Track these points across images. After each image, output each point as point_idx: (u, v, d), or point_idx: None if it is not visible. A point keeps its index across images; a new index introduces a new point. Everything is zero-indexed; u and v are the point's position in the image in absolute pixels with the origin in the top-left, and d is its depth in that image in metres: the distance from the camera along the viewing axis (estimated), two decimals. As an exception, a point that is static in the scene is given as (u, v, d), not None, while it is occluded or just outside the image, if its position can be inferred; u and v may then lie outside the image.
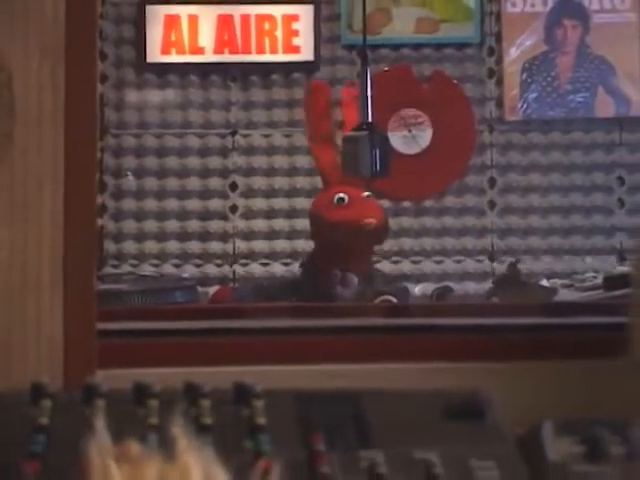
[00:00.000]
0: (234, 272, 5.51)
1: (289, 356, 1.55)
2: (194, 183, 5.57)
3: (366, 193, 4.29)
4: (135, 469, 0.70)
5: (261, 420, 0.95)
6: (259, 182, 5.57)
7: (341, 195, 4.21)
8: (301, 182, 5.45)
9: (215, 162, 5.58)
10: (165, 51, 5.60)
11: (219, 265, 5.52)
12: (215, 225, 5.55)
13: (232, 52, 5.59)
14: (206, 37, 5.59)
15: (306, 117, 4.74)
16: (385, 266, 5.10)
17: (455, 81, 5.62)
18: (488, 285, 5.19)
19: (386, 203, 5.15)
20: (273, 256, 5.51)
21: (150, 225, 5.54)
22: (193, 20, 5.60)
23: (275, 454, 0.86)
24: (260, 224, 5.55)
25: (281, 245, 5.51)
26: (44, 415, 0.96)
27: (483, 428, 0.98)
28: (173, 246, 5.53)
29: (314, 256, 4.38)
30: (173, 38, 5.59)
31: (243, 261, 5.53)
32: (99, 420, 0.73)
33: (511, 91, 5.61)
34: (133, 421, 0.74)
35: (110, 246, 5.45)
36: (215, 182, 5.57)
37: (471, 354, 1.48)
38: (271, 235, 5.53)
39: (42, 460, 0.86)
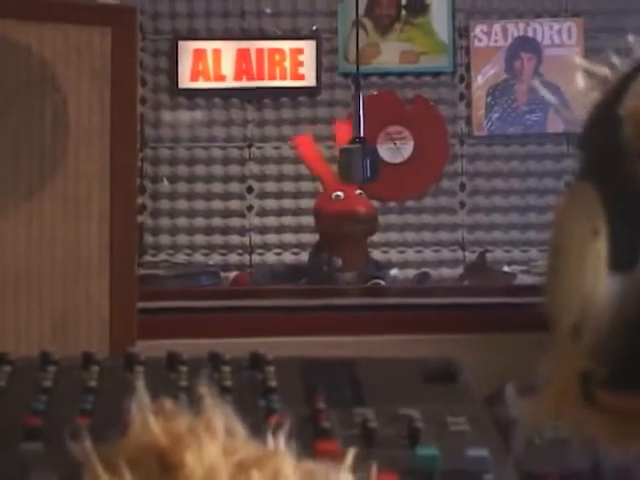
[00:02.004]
0: (250, 260, 5.51)
1: (296, 329, 1.55)
2: (217, 187, 5.57)
3: (358, 191, 4.30)
4: (169, 422, 0.69)
5: (272, 383, 0.95)
6: (271, 186, 5.57)
7: (338, 193, 4.22)
8: (305, 186, 5.44)
9: (234, 170, 5.59)
10: (194, 78, 5.59)
11: (238, 254, 5.52)
12: (235, 221, 5.55)
13: (249, 79, 5.59)
14: (227, 67, 5.59)
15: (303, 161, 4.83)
16: (375, 255, 5.09)
17: (432, 103, 5.61)
18: (459, 271, 5.19)
19: (375, 203, 5.14)
20: (283, 247, 5.51)
21: (181, 221, 5.54)
22: (217, 53, 5.60)
23: (284, 411, 0.86)
24: (272, 220, 5.55)
25: (289, 238, 5.51)
26: (93, 379, 0.96)
27: (456, 389, 0.97)
28: (200, 239, 5.54)
29: (319, 245, 4.39)
30: (200, 68, 5.59)
31: (258, 251, 5.53)
32: (140, 381, 0.72)
33: (478, 111, 5.61)
34: (166, 384, 0.73)
35: (149, 238, 5.45)
36: (234, 186, 5.58)
37: (446, 328, 1.48)
38: (281, 229, 5.54)
39: (91, 416, 0.85)
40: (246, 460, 0.68)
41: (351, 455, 0.68)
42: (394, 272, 5.02)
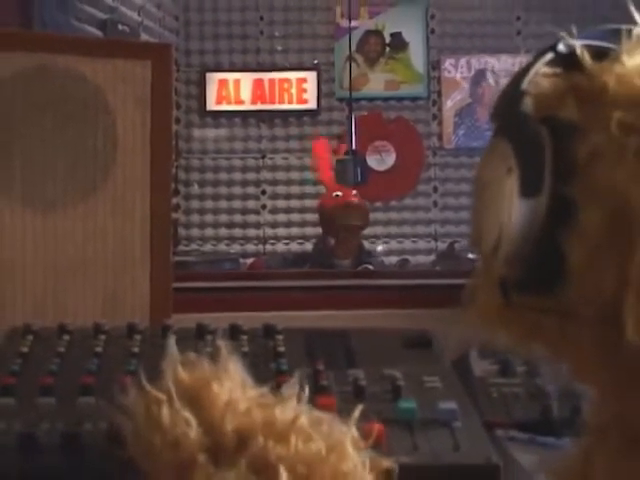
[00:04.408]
0: (264, 249, 5.51)
1: (300, 305, 1.54)
2: (237, 190, 5.57)
3: (354, 192, 4.31)
4: (193, 368, 0.70)
5: (281, 349, 0.94)
6: (280, 189, 5.58)
7: (338, 192, 4.23)
8: (309, 189, 5.44)
9: (251, 176, 5.59)
10: (218, 102, 5.59)
11: (254, 244, 5.52)
12: (251, 218, 5.56)
13: (262, 103, 5.59)
14: (246, 93, 5.59)
15: (313, 160, 4.79)
16: (365, 245, 5.09)
17: (411, 122, 5.61)
18: (433, 258, 5.19)
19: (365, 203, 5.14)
20: (290, 238, 5.52)
21: (208, 218, 5.55)
22: (237, 82, 5.60)
23: (290, 372, 0.85)
24: (281, 217, 5.56)
25: (295, 231, 5.51)
26: (136, 345, 0.96)
27: (430, 354, 0.97)
28: (224, 232, 5.54)
29: (321, 237, 4.39)
30: (224, 94, 5.59)
31: (270, 242, 5.53)
32: (171, 340, 0.73)
33: (447, 129, 5.60)
34: (195, 349, 0.73)
35: (182, 232, 5.45)
36: (251, 189, 5.58)
37: (422, 304, 1.47)
38: (289, 224, 5.54)
39: (134, 376, 0.85)
40: (264, 400, 0.68)
41: (357, 412, 0.68)
42: (380, 248, 5.02)
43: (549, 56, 0.62)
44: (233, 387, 0.68)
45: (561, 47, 0.62)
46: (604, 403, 0.60)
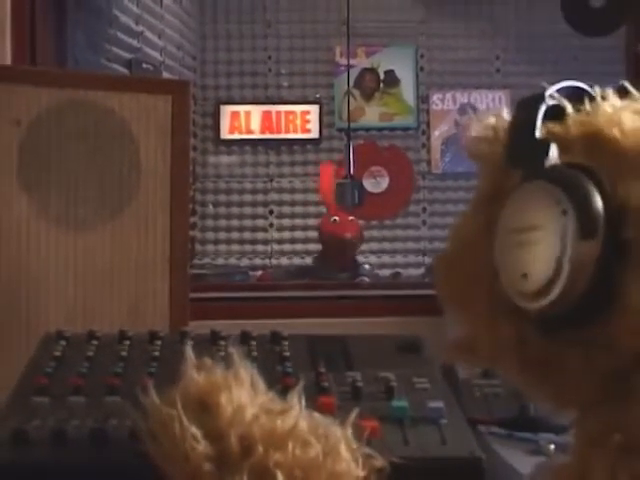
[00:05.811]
0: (271, 263, 5.51)
1: (304, 313, 1.54)
2: (247, 210, 5.57)
3: (350, 218, 4.30)
4: (207, 374, 0.69)
5: (287, 353, 0.94)
6: (286, 209, 5.58)
7: (335, 218, 4.22)
8: (311, 209, 5.44)
9: (260, 197, 5.59)
10: (231, 132, 5.60)
11: (262, 259, 5.51)
12: (260, 235, 5.56)
13: (270, 132, 5.59)
14: (255, 124, 5.60)
15: (321, 182, 4.77)
16: (361, 259, 5.08)
17: (402, 150, 5.62)
18: (422, 271, 5.19)
19: (362, 222, 5.14)
20: (294, 253, 5.51)
21: (222, 235, 5.54)
22: (248, 114, 5.60)
23: (295, 374, 0.85)
24: (286, 234, 5.55)
25: (299, 247, 5.51)
26: (156, 350, 0.95)
27: (420, 358, 0.97)
28: (235, 247, 5.54)
29: (321, 253, 4.39)
30: (236, 124, 5.60)
31: (276, 256, 5.53)
32: (188, 347, 0.72)
33: (435, 156, 5.61)
34: (209, 354, 0.73)
35: (198, 247, 5.45)
36: (260, 209, 5.58)
37: (413, 312, 1.46)
38: (293, 241, 5.53)
39: (155, 378, 0.84)
40: (269, 407, 0.67)
41: (353, 415, 0.67)
42: (367, 267, 5.02)
43: (544, 106, 0.61)
44: (242, 393, 0.67)
45: (548, 99, 0.61)
46: (594, 416, 0.58)
